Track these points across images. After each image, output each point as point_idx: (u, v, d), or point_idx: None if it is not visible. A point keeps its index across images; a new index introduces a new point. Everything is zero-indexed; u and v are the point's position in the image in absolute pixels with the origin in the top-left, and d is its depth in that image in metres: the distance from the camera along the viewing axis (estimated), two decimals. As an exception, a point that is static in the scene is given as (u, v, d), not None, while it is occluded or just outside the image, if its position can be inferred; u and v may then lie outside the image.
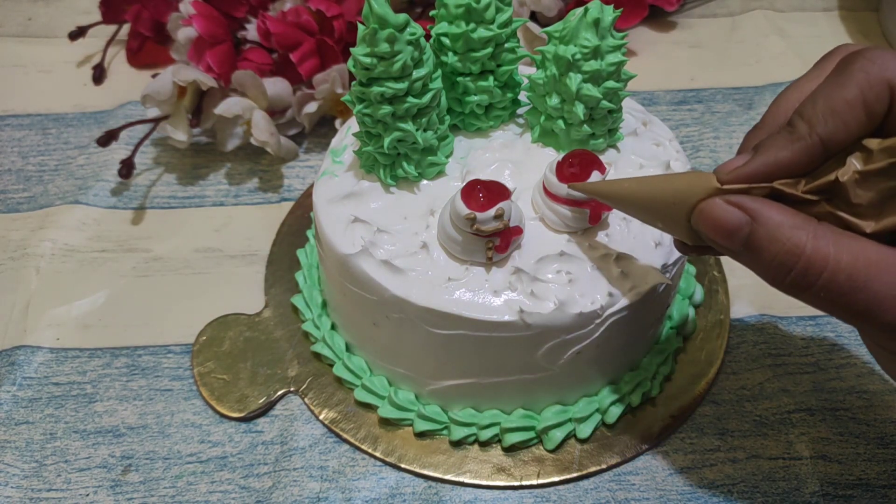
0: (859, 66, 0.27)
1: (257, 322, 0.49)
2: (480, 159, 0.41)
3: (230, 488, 0.43)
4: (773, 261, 0.28)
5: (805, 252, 0.27)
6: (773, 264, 0.28)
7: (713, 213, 0.29)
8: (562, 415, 0.42)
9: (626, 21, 0.66)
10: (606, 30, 0.37)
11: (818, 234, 0.27)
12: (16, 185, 0.57)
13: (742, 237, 0.28)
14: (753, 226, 0.28)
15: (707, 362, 0.46)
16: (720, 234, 0.29)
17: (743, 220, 0.28)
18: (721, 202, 0.28)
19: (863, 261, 0.27)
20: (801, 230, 0.27)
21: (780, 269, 0.28)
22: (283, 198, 0.56)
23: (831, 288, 0.27)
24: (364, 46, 0.35)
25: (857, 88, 0.27)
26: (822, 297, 0.27)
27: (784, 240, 0.27)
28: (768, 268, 0.28)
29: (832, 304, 0.28)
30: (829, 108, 0.27)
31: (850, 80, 0.27)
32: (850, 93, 0.27)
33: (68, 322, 0.49)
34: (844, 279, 0.27)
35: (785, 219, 0.27)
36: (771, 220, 0.27)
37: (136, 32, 0.64)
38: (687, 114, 0.62)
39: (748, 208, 0.28)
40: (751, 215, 0.28)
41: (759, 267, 0.29)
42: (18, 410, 0.46)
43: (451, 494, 0.42)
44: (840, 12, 0.71)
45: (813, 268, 0.27)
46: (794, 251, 0.27)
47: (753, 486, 0.42)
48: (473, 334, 0.37)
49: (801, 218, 0.28)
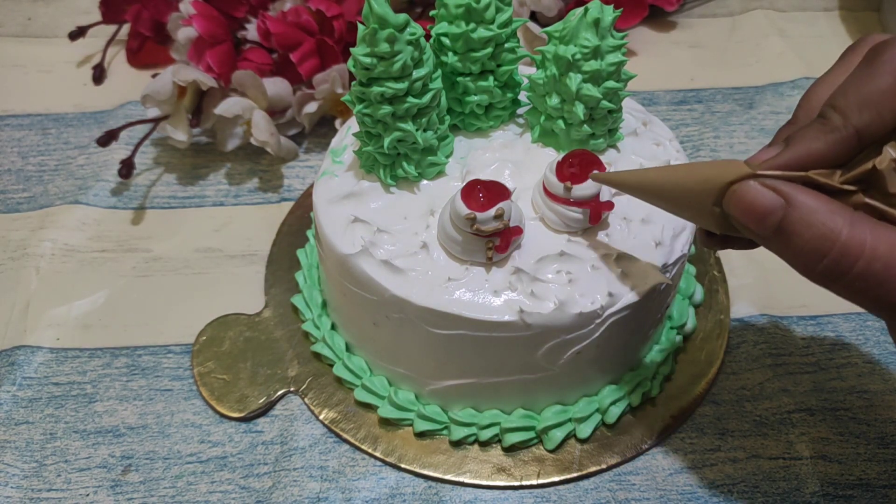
0: (890, 56, 0.26)
1: (257, 322, 0.49)
2: (480, 159, 0.41)
3: (230, 488, 0.43)
4: (807, 246, 0.27)
5: (841, 238, 0.26)
6: (807, 250, 0.27)
7: (747, 194, 0.28)
8: (562, 415, 0.42)
9: (626, 21, 0.66)
10: (606, 30, 0.37)
11: (854, 221, 0.26)
12: (16, 185, 0.57)
13: (775, 221, 0.27)
14: (787, 209, 0.27)
15: (707, 362, 0.46)
16: (752, 217, 0.28)
17: (777, 203, 0.27)
18: (755, 184, 0.27)
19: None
20: (837, 215, 0.26)
21: (813, 255, 0.27)
22: (283, 198, 0.56)
23: (867, 277, 0.26)
24: (364, 46, 0.35)
25: (892, 77, 0.26)
26: (857, 286, 0.26)
27: (819, 224, 0.26)
28: (801, 253, 0.27)
29: (865, 294, 0.27)
30: (862, 98, 0.27)
31: (883, 69, 0.26)
32: (885, 82, 0.26)
33: (68, 322, 0.49)
34: (881, 268, 0.26)
35: (820, 204, 0.27)
36: (806, 205, 0.27)
37: (136, 32, 0.64)
38: (687, 114, 0.62)
39: (783, 192, 0.27)
40: (785, 199, 0.27)
41: (791, 253, 0.27)
42: (18, 410, 0.46)
43: (451, 494, 0.42)
44: (840, 12, 0.71)
45: (848, 255, 0.26)
46: (829, 236, 0.26)
47: (753, 486, 0.42)
48: (473, 334, 0.37)
49: (836, 204, 0.27)
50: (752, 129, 0.61)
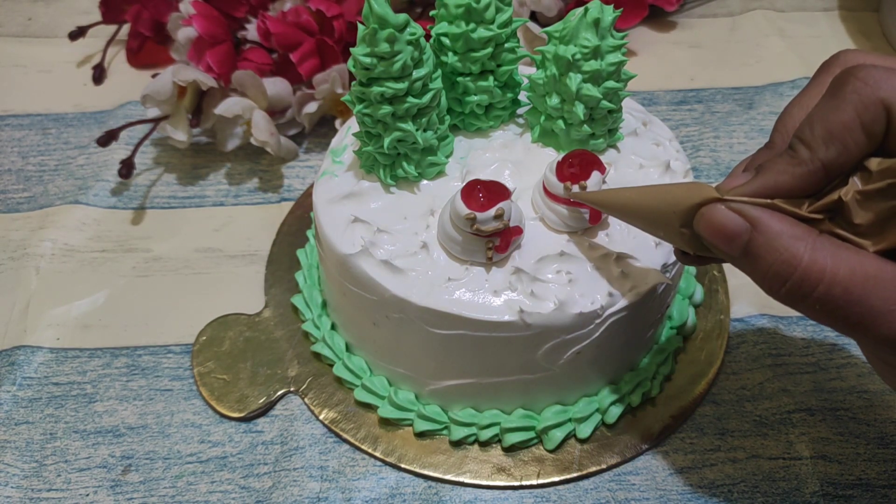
0: (851, 88, 0.27)
1: (257, 322, 0.49)
2: (480, 159, 0.41)
3: (230, 488, 0.43)
4: (770, 270, 0.28)
5: (802, 263, 0.27)
6: (770, 273, 0.28)
7: (714, 217, 0.29)
8: (562, 415, 0.42)
9: (626, 21, 0.66)
10: (606, 30, 0.37)
11: (816, 246, 0.27)
12: (16, 185, 0.57)
13: (741, 243, 0.28)
14: (753, 233, 0.28)
15: (707, 362, 0.46)
16: (720, 238, 0.29)
17: (743, 227, 0.28)
18: (723, 207, 0.28)
19: (860, 274, 0.26)
20: (799, 241, 0.27)
21: (776, 279, 0.28)
22: (283, 198, 0.56)
23: (827, 300, 0.27)
24: (364, 46, 0.35)
25: (853, 111, 0.27)
26: (818, 308, 0.27)
27: (782, 249, 0.27)
28: (765, 276, 0.28)
29: (828, 316, 0.28)
30: (827, 131, 0.27)
31: (845, 102, 0.27)
32: (846, 115, 0.27)
33: (68, 322, 0.49)
34: (840, 292, 0.27)
35: (784, 228, 0.27)
36: (770, 229, 0.27)
37: (136, 32, 0.64)
38: (687, 114, 0.62)
39: (749, 216, 0.28)
40: (751, 223, 0.28)
41: (756, 275, 0.29)
42: (18, 410, 0.46)
43: (451, 494, 0.42)
44: (840, 12, 0.71)
45: (809, 279, 0.27)
46: (790, 261, 0.27)
47: (753, 486, 0.42)
48: (473, 334, 0.37)
49: (801, 229, 0.27)
50: (752, 129, 0.61)
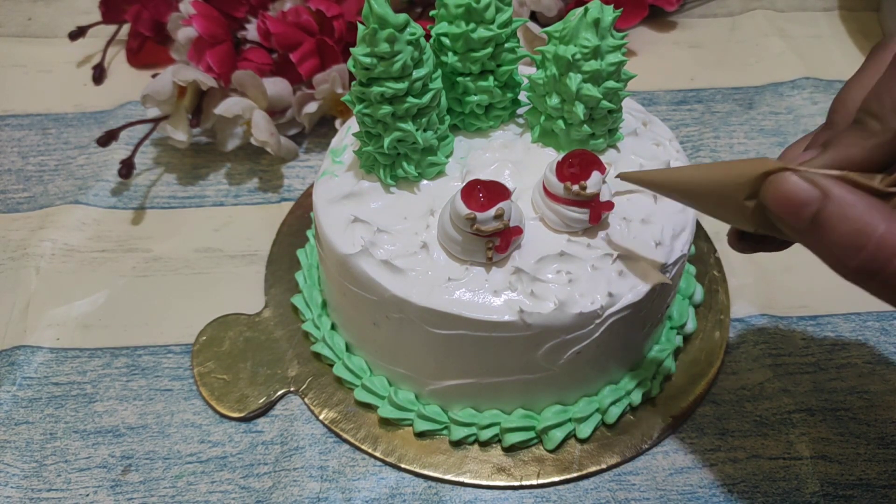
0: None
1: (257, 322, 0.49)
2: (480, 159, 0.41)
3: (230, 488, 0.43)
4: (842, 240, 0.26)
5: (878, 232, 0.25)
6: (842, 244, 0.26)
7: (783, 185, 0.27)
8: (562, 415, 0.42)
9: (626, 21, 0.66)
10: (606, 30, 0.37)
11: (893, 217, 0.26)
12: (16, 185, 0.57)
13: (811, 213, 0.27)
14: (824, 201, 0.26)
15: (707, 362, 0.46)
16: (788, 208, 0.27)
17: (814, 195, 0.27)
18: (793, 175, 0.27)
19: None
20: (875, 210, 0.26)
21: (848, 250, 0.26)
22: (283, 198, 0.56)
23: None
24: (364, 46, 0.35)
25: None
26: (893, 283, 0.26)
27: (856, 218, 0.26)
28: (836, 247, 0.26)
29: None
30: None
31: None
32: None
33: (68, 322, 0.49)
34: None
35: (858, 199, 0.26)
36: (843, 198, 0.26)
37: (136, 32, 0.64)
38: (687, 114, 0.62)
39: (820, 184, 0.27)
40: (823, 191, 0.26)
41: (826, 247, 0.27)
42: (18, 410, 0.46)
43: (451, 494, 0.42)
44: (840, 12, 0.71)
45: (885, 250, 0.25)
46: (865, 230, 0.26)
47: (753, 486, 0.42)
48: (473, 334, 0.37)
49: (875, 200, 0.26)
50: (752, 129, 0.61)
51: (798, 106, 0.62)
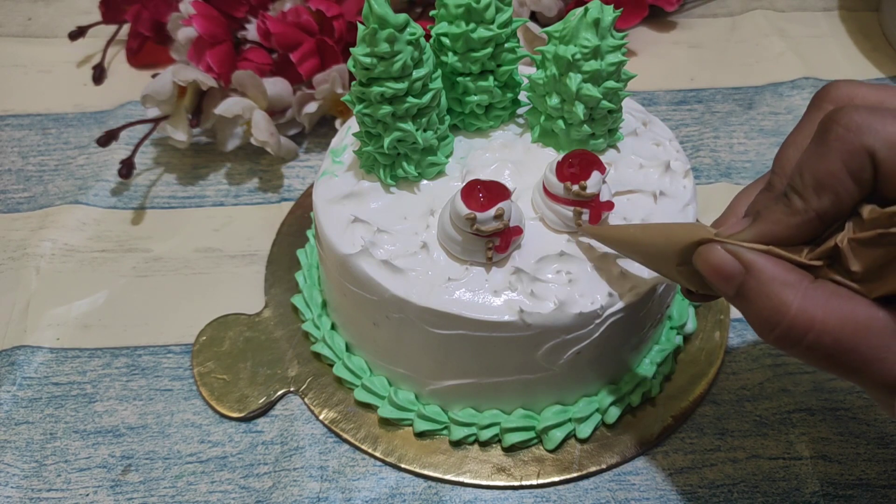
0: (835, 136, 0.26)
1: (257, 322, 0.49)
2: (480, 159, 0.41)
3: (230, 488, 0.43)
4: (760, 315, 0.28)
5: (790, 312, 0.27)
6: (760, 318, 0.28)
7: (710, 256, 0.29)
8: (562, 415, 0.42)
9: (626, 21, 0.66)
10: (606, 30, 0.37)
11: (808, 295, 0.27)
12: (16, 185, 0.57)
13: (735, 285, 0.28)
14: (746, 276, 0.28)
15: (707, 362, 0.46)
16: (716, 277, 0.29)
17: (737, 269, 0.28)
18: (719, 248, 0.29)
19: (851, 324, 0.26)
20: (790, 288, 0.27)
21: (765, 325, 0.28)
22: (283, 198, 0.56)
23: (817, 349, 0.27)
24: (364, 46, 0.35)
25: (839, 160, 0.26)
26: (809, 356, 0.27)
27: (772, 296, 0.27)
28: (756, 320, 0.28)
29: (819, 363, 0.27)
30: (816, 181, 0.27)
31: (830, 151, 0.26)
32: (833, 165, 0.26)
33: (68, 322, 0.49)
34: (831, 341, 0.26)
35: (777, 274, 0.27)
36: (763, 274, 0.27)
37: (136, 32, 0.64)
38: (687, 114, 0.62)
39: (744, 259, 0.28)
40: (745, 265, 0.28)
41: (748, 317, 0.29)
42: (18, 410, 0.46)
43: (451, 494, 0.42)
44: (840, 12, 0.71)
45: (797, 328, 0.27)
46: (780, 309, 0.27)
47: (753, 486, 0.42)
48: (473, 334, 0.37)
49: (794, 276, 0.27)
50: (752, 129, 0.61)
51: (798, 106, 0.62)
